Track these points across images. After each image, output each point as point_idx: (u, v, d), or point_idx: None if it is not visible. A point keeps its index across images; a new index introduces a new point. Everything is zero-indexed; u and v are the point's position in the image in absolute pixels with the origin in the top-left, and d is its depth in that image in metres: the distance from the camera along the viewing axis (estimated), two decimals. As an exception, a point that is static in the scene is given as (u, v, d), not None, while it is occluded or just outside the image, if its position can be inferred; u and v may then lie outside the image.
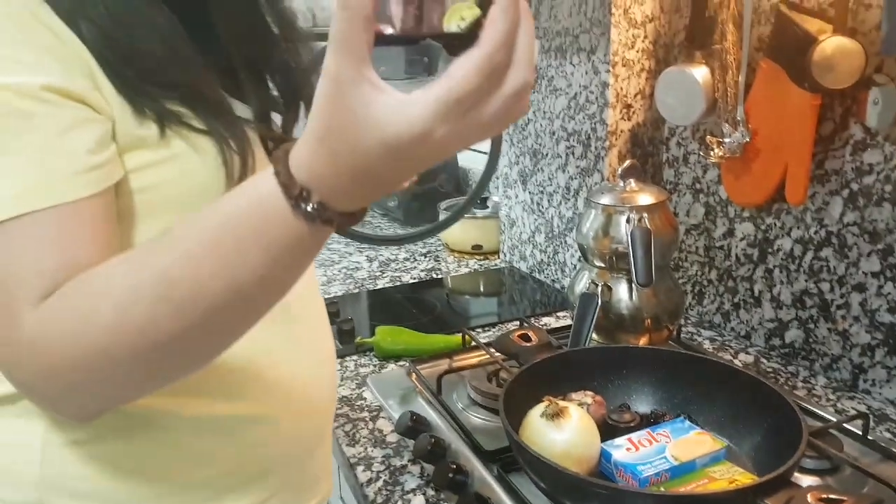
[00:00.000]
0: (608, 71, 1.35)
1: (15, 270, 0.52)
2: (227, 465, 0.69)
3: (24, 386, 0.55)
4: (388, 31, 0.43)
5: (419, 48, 2.31)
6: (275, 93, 0.77)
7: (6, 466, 0.64)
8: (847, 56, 0.97)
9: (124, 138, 0.60)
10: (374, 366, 1.24)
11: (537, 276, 1.71)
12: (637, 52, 1.35)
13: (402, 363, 1.24)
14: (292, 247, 0.48)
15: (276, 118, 0.76)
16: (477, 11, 0.42)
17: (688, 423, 0.86)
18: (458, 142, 0.43)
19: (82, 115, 0.56)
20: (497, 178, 1.84)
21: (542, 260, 1.68)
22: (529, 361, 0.95)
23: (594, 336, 1.15)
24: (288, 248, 0.48)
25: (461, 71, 0.41)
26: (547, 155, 1.60)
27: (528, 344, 1.06)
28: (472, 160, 2.29)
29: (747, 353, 1.22)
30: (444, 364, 1.18)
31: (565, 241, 1.58)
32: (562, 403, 0.81)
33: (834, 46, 0.98)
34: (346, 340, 1.34)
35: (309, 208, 0.46)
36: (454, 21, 0.42)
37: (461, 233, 1.94)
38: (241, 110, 0.69)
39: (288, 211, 0.46)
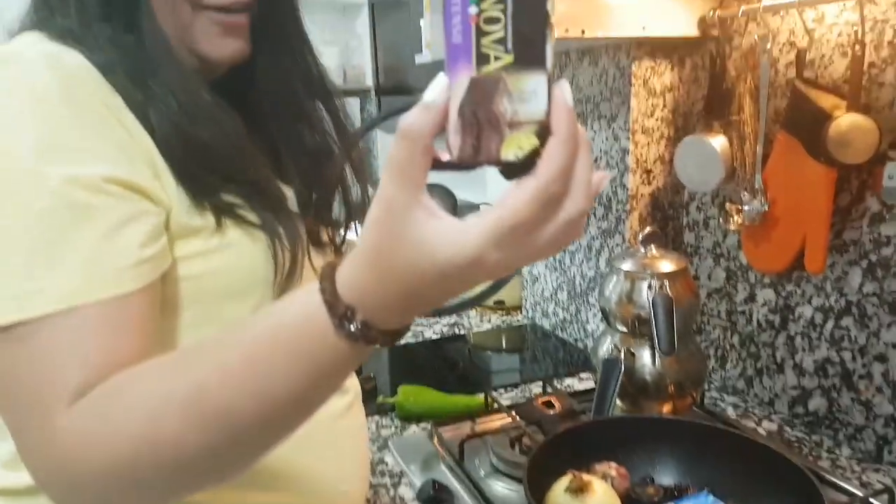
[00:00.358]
0: (628, 138, 1.39)
1: (54, 367, 0.52)
2: None
3: (47, 486, 0.54)
4: (446, 157, 0.44)
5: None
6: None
7: None
8: (862, 133, 1.00)
9: (177, 227, 0.61)
10: (396, 427, 1.26)
11: (560, 334, 1.73)
12: (656, 120, 1.39)
13: (424, 425, 1.25)
14: (332, 366, 0.48)
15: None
16: (535, 141, 0.43)
17: (711, 497, 0.87)
18: (509, 266, 0.44)
19: (140, 207, 0.58)
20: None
21: (564, 318, 1.70)
22: (553, 431, 0.97)
23: (618, 402, 1.16)
24: (327, 367, 0.48)
25: (517, 200, 0.41)
26: (569, 216, 1.62)
27: (552, 412, 1.08)
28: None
29: (771, 420, 1.22)
30: (466, 427, 1.19)
31: (587, 301, 1.60)
32: (586, 478, 0.83)
33: (849, 123, 1.01)
34: (368, 399, 1.35)
35: (353, 328, 0.46)
36: (512, 150, 0.43)
37: (483, 288, 1.97)
38: (283, 190, 0.72)
39: (331, 330, 0.46)
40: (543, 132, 0.43)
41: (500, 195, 0.43)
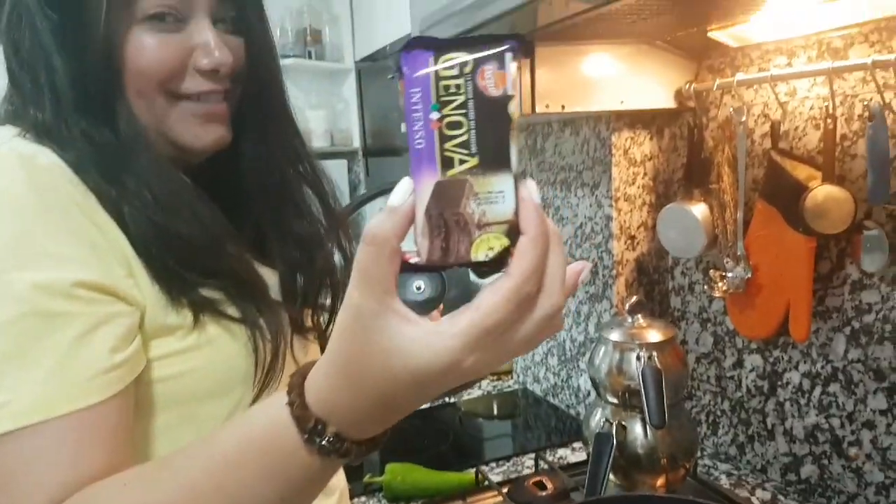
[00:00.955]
0: (611, 205, 1.41)
1: (23, 482, 0.51)
2: None
3: None
4: (414, 260, 0.43)
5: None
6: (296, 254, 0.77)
7: None
8: (837, 204, 1.02)
9: (152, 326, 0.60)
10: (385, 507, 1.24)
11: (551, 400, 1.72)
12: (638, 187, 1.41)
13: None
14: (302, 480, 0.46)
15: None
16: (505, 241, 0.42)
17: (706, 579, 0.86)
18: (486, 367, 0.42)
19: (111, 310, 0.56)
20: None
21: (555, 384, 1.70)
22: (546, 513, 0.96)
23: (611, 476, 1.15)
24: (298, 482, 0.46)
25: (490, 301, 0.40)
26: (556, 280, 1.64)
27: (544, 493, 1.07)
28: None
29: (764, 489, 1.22)
30: (459, 507, 1.18)
31: (578, 366, 1.60)
32: (579, 564, 0.82)
33: (824, 194, 1.03)
34: (354, 478, 1.34)
35: (324, 442, 0.44)
36: (482, 251, 0.42)
37: (475, 352, 1.97)
38: (267, 275, 0.71)
39: (301, 445, 0.44)
40: (513, 231, 0.42)
41: (476, 297, 0.42)
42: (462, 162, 0.42)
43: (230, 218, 0.70)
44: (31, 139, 0.60)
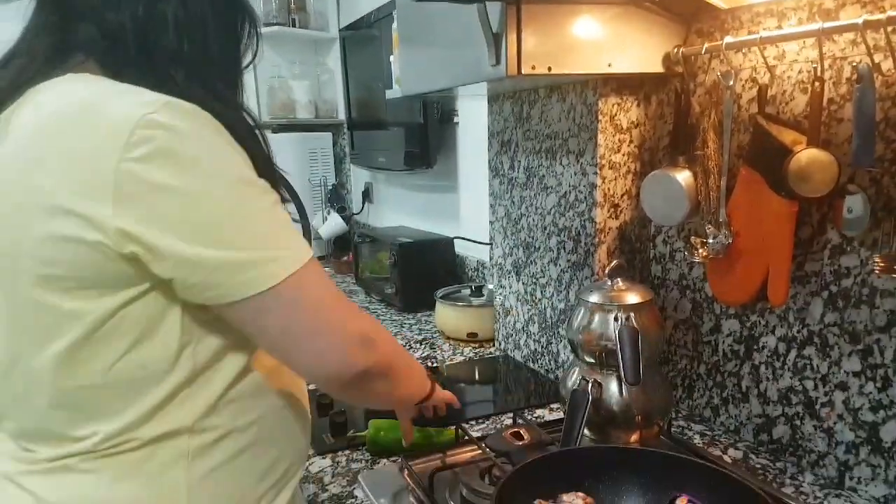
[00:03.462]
0: (595, 173, 1.41)
1: (335, 292, 0.78)
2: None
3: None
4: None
5: (420, 138, 2.39)
6: None
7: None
8: (821, 167, 1.03)
9: None
10: (367, 461, 1.25)
11: (531, 365, 1.73)
12: (623, 155, 1.42)
13: (394, 458, 1.25)
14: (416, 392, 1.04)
15: None
16: None
17: (677, 526, 0.88)
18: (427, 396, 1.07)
19: None
20: (492, 268, 1.88)
21: (535, 350, 1.71)
22: (521, 462, 0.97)
23: (586, 432, 1.17)
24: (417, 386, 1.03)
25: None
26: (539, 248, 1.65)
27: (521, 443, 1.08)
28: (466, 247, 2.34)
29: (736, 448, 1.24)
30: (436, 460, 1.19)
31: (558, 333, 1.61)
32: (552, 507, 0.83)
33: (808, 158, 1.04)
34: (339, 433, 1.35)
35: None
36: None
37: (456, 320, 1.98)
38: None
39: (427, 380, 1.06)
40: None
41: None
42: None
43: None
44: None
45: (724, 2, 1.15)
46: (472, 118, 2.26)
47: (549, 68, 1.20)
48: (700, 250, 1.22)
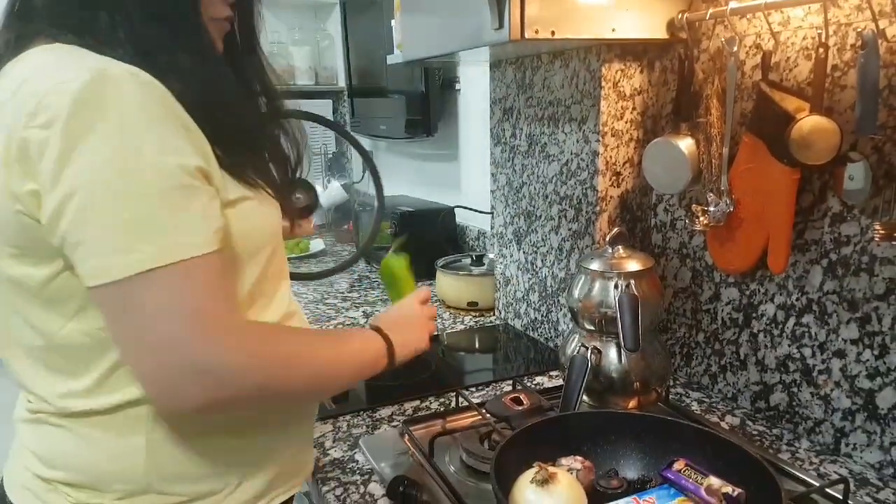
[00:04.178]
0: (598, 140, 1.40)
1: (213, 290, 0.70)
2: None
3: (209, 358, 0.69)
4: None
5: (421, 106, 2.37)
6: None
7: (117, 472, 0.77)
8: (824, 134, 1.02)
9: (224, 200, 0.76)
10: (367, 426, 1.26)
11: (531, 334, 1.74)
12: (626, 122, 1.41)
13: (395, 423, 1.26)
14: (372, 359, 0.92)
15: None
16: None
17: (673, 489, 0.89)
18: (418, 319, 1.03)
19: (212, 189, 0.73)
20: (493, 237, 1.89)
21: (535, 318, 1.72)
22: (520, 426, 0.98)
23: (585, 398, 1.18)
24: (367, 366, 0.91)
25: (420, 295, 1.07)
26: (541, 217, 1.64)
27: (520, 407, 1.09)
28: (467, 217, 2.34)
29: (734, 415, 1.25)
30: (437, 425, 1.20)
31: (558, 301, 1.62)
32: (551, 469, 0.84)
33: (811, 125, 1.03)
34: (339, 399, 1.36)
35: (385, 333, 0.95)
36: None
37: (457, 289, 1.98)
38: None
39: (376, 336, 0.94)
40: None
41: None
42: None
43: None
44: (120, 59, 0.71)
45: (730, -34, 1.13)
46: (474, 85, 2.25)
47: (553, 32, 1.18)
48: (701, 218, 1.22)
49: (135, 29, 0.74)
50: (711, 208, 1.21)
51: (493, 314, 1.93)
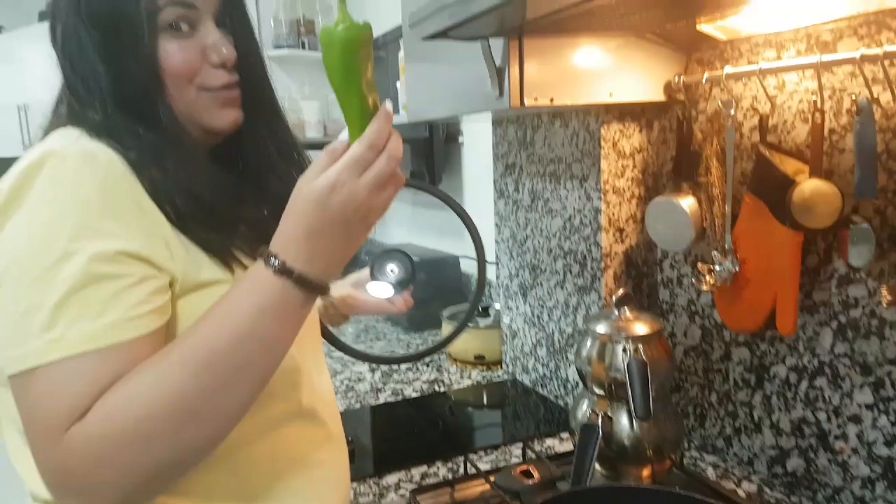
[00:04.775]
0: (600, 198, 1.40)
1: (64, 402, 0.65)
2: None
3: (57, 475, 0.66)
4: None
5: (425, 156, 2.39)
6: None
7: None
8: (824, 198, 1.02)
9: (188, 285, 0.74)
10: (374, 495, 1.25)
11: (540, 390, 1.73)
12: (627, 180, 1.41)
13: (402, 492, 1.24)
14: (273, 302, 0.69)
15: None
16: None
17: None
18: (353, 200, 0.69)
19: (146, 273, 0.70)
20: (499, 288, 1.88)
21: (544, 374, 1.70)
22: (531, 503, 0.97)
23: (597, 467, 1.16)
24: (270, 303, 0.69)
25: (346, 156, 0.69)
26: (545, 270, 1.64)
27: (531, 481, 1.08)
28: (472, 266, 2.33)
29: (750, 481, 1.23)
30: (445, 495, 1.19)
31: (566, 357, 1.60)
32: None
33: (812, 189, 1.03)
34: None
35: (276, 264, 0.69)
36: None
37: (463, 342, 1.97)
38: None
39: (264, 271, 0.69)
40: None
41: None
42: None
43: (245, 188, 0.86)
44: (93, 137, 0.73)
45: (723, 33, 1.14)
46: (477, 139, 2.26)
47: (552, 99, 1.19)
48: (707, 278, 1.21)
49: (108, 111, 0.77)
50: (717, 268, 1.20)
51: (501, 368, 1.91)
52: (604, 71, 1.22)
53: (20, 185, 0.69)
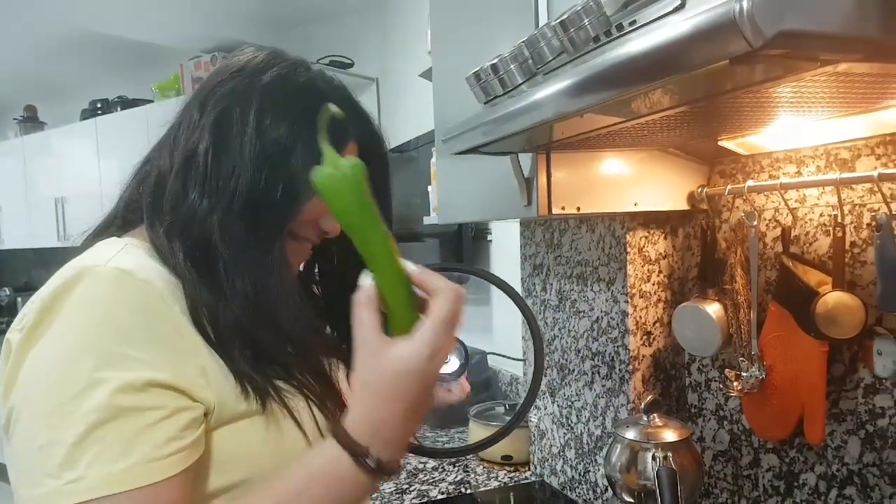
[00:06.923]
0: (627, 301, 1.44)
1: None
2: None
3: None
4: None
5: (454, 252, 2.44)
6: None
7: None
8: (848, 310, 1.05)
9: (226, 416, 0.69)
10: None
11: (569, 494, 1.71)
12: (653, 284, 1.45)
13: None
14: (356, 495, 0.66)
15: None
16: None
17: None
18: (441, 357, 0.65)
19: (178, 404, 0.65)
20: (527, 386, 1.89)
21: (573, 477, 1.69)
22: None
23: (626, 577, 1.15)
24: (353, 497, 0.66)
25: (434, 322, 0.65)
26: (574, 371, 1.66)
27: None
28: (499, 362, 2.35)
29: None
30: None
31: (595, 460, 1.60)
32: None
33: (835, 301, 1.05)
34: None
35: (370, 463, 0.64)
36: None
37: (492, 441, 1.97)
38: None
39: (353, 468, 0.64)
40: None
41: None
42: None
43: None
44: (142, 251, 0.71)
45: (744, 149, 1.20)
46: (505, 237, 2.32)
47: (578, 208, 1.25)
48: (735, 384, 1.23)
49: (227, 213, 0.72)
50: (744, 374, 1.21)
51: (528, 468, 1.90)
52: (628, 182, 1.28)
53: (49, 308, 0.65)
